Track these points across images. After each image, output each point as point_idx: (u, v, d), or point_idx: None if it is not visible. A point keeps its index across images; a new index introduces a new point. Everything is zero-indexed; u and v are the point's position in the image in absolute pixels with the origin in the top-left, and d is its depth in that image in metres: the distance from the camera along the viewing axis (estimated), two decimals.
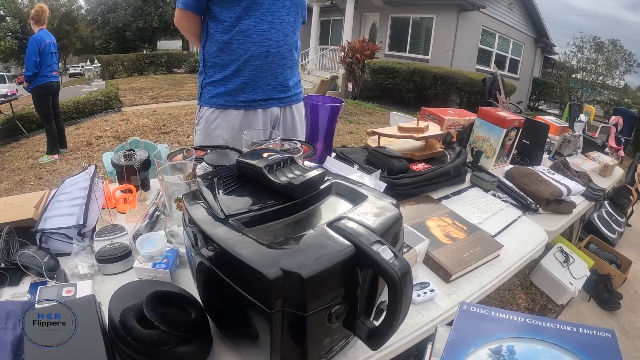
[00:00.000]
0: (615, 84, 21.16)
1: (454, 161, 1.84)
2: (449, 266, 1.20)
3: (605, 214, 4.83)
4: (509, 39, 17.48)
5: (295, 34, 1.99)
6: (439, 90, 11.52)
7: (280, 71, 1.97)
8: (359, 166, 1.69)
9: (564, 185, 1.93)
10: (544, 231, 1.64)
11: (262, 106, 1.99)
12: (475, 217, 1.58)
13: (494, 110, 2.27)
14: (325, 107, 1.71)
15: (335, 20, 17.14)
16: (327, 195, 0.90)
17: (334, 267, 0.64)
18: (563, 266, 3.35)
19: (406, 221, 1.33)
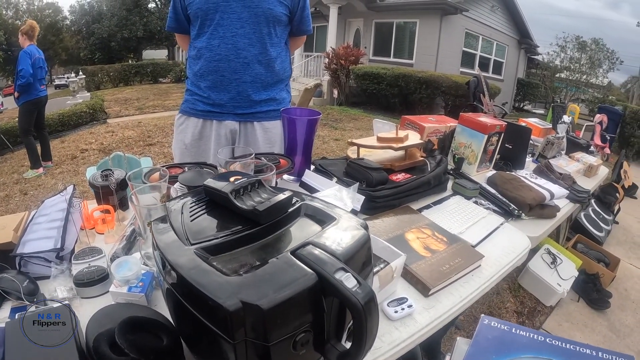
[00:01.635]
0: (599, 82, 21.36)
1: (434, 170, 1.82)
2: (428, 280, 1.17)
3: (592, 212, 4.85)
4: (492, 41, 17.62)
5: (254, 46, 1.98)
6: (424, 94, 11.53)
7: (234, 86, 2.01)
8: (338, 179, 1.66)
9: (547, 190, 1.92)
10: (527, 238, 1.63)
11: (216, 118, 2.09)
12: (456, 227, 1.56)
13: (475, 116, 2.26)
14: (302, 121, 1.68)
15: (320, 27, 17.13)
16: (296, 217, 0.88)
17: (295, 297, 0.64)
18: (550, 267, 3.35)
19: (384, 234, 1.35)
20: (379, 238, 1.22)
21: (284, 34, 2.12)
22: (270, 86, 2.11)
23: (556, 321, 3.10)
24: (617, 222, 5.54)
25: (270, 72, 2.06)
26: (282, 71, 2.15)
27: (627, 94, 28.11)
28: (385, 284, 1.04)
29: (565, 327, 3.04)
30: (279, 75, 2.13)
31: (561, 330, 2.99)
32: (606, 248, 4.53)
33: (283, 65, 2.14)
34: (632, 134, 11.21)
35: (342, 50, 12.86)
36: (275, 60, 2.07)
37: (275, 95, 2.15)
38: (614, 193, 5.43)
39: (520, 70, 20.57)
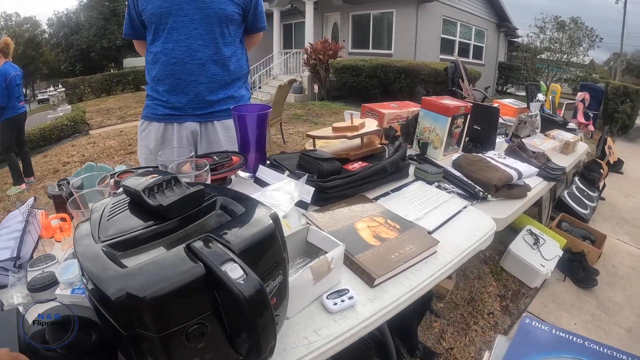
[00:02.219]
0: (580, 60, 21.45)
1: (391, 156, 1.75)
2: (373, 270, 1.12)
3: (576, 190, 4.81)
4: (470, 27, 17.58)
5: (208, 47, 1.99)
6: (404, 83, 11.45)
7: (191, 88, 2.02)
8: (290, 172, 1.62)
9: (514, 169, 1.84)
10: (492, 220, 1.56)
11: (177, 120, 2.10)
12: (413, 213, 1.49)
13: (437, 99, 2.20)
14: (252, 116, 1.64)
15: (298, 23, 17.11)
16: (211, 211, 0.86)
17: (180, 289, 0.62)
18: (533, 248, 3.29)
19: (333, 225, 1.33)
20: (326, 229, 1.23)
21: (238, 33, 2.12)
22: (228, 85, 2.12)
23: (542, 303, 3.03)
24: (603, 198, 5.50)
25: (226, 71, 2.08)
26: (239, 69, 2.16)
27: (610, 72, 28.29)
28: (320, 276, 1.00)
29: (551, 309, 2.97)
30: (235, 74, 2.14)
31: (547, 312, 2.93)
32: (592, 225, 4.49)
33: (239, 64, 2.15)
34: (615, 109, 11.21)
35: (320, 45, 12.78)
36: (230, 59, 2.08)
37: (234, 93, 2.16)
38: (598, 169, 5.38)
39: (501, 53, 20.57)
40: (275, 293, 0.77)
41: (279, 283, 0.78)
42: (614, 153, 6.80)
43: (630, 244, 4.29)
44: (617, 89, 11.44)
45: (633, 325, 2.89)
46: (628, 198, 5.84)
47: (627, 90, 11.43)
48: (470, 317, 2.74)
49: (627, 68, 34.94)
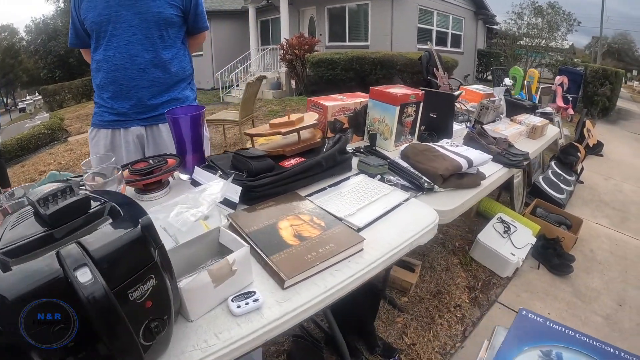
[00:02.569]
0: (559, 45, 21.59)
1: (328, 150, 1.65)
2: (284, 271, 1.05)
3: (552, 174, 4.74)
4: (448, 15, 17.57)
5: (148, 51, 1.99)
6: (380, 74, 11.36)
7: (134, 93, 2.03)
8: (223, 172, 1.54)
9: (463, 158, 1.74)
10: (434, 212, 1.47)
11: (123, 126, 2.10)
12: (346, 209, 1.40)
13: (385, 88, 2.10)
14: (185, 118, 1.57)
15: (274, 19, 16.97)
16: (98, 219, 0.85)
17: (38, 291, 0.64)
18: (503, 237, 3.20)
19: (255, 224, 1.26)
20: (247, 229, 1.21)
21: (179, 35, 2.12)
22: (171, 87, 2.12)
23: (514, 292, 2.95)
24: (581, 181, 5.46)
25: (167, 74, 2.08)
26: (181, 71, 2.16)
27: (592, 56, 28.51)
28: (222, 278, 0.97)
29: (524, 298, 2.89)
30: (178, 76, 2.14)
31: (520, 302, 2.84)
32: (570, 210, 4.43)
33: (181, 65, 2.15)
34: (595, 92, 11.25)
35: (296, 40, 12.72)
36: (171, 61, 2.08)
37: (178, 95, 2.16)
38: (575, 153, 5.32)
39: (480, 41, 20.61)
40: (149, 296, 0.76)
41: (151, 287, 0.76)
42: (593, 136, 6.76)
43: (610, 227, 4.23)
44: (596, 72, 11.51)
45: (611, 312, 2.82)
46: (608, 180, 5.81)
47: (606, 72, 11.50)
48: (436, 311, 2.64)
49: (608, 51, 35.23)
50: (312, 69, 12.33)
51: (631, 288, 3.13)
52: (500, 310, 2.75)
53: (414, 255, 3.17)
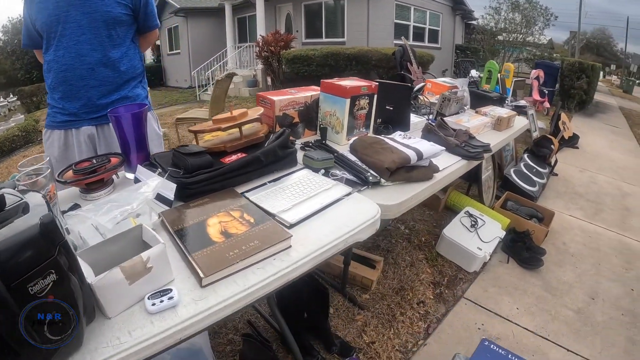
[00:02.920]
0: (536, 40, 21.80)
1: (269, 145, 1.59)
2: (203, 269, 1.01)
3: (524, 167, 4.72)
4: (425, 11, 17.55)
5: (96, 50, 1.98)
6: (355, 70, 11.28)
7: (83, 93, 2.02)
8: (162, 170, 1.50)
9: (413, 150, 1.68)
10: (376, 206, 1.41)
11: (74, 126, 2.08)
12: (281, 205, 1.35)
13: (336, 80, 2.04)
14: (127, 117, 1.54)
15: (251, 16, 16.81)
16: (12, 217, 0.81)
17: None
18: (470, 231, 3.16)
19: (183, 222, 1.23)
20: (175, 226, 1.19)
21: (129, 33, 2.12)
22: (121, 86, 2.12)
23: (481, 287, 2.90)
24: (555, 174, 5.45)
25: (116, 73, 2.07)
26: (131, 70, 2.15)
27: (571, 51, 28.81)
28: (136, 275, 0.94)
29: (491, 293, 2.84)
30: (127, 75, 2.13)
31: (487, 297, 2.80)
32: (544, 202, 4.42)
33: (131, 64, 2.15)
34: (571, 86, 11.33)
35: (271, 37, 12.62)
36: (121, 60, 2.08)
37: (128, 93, 2.15)
38: (549, 145, 5.31)
39: (458, 36, 20.69)
40: (50, 291, 0.75)
41: (52, 282, 0.75)
42: (569, 128, 6.79)
43: (583, 219, 4.23)
44: (572, 65, 11.62)
45: (583, 305, 2.79)
46: (583, 172, 5.83)
47: (582, 66, 11.60)
48: (398, 308, 2.58)
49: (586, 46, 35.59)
50: (288, 65, 12.27)
51: (604, 280, 3.11)
52: (466, 305, 2.70)
53: (376, 251, 3.12)
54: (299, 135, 2.04)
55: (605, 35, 45.82)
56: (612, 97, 18.83)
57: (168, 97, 15.05)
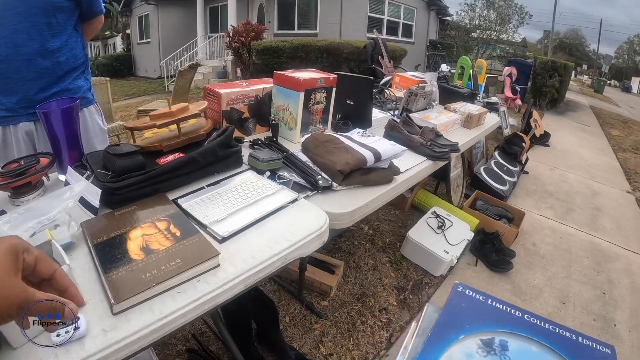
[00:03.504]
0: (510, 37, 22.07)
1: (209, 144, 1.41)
2: (114, 293, 0.86)
3: (494, 165, 4.63)
4: (399, 5, 17.57)
5: (34, 40, 1.78)
6: (326, 62, 11.16)
7: (20, 86, 1.83)
8: (91, 172, 1.31)
9: (370, 150, 1.52)
10: (324, 215, 1.26)
11: (12, 122, 1.90)
12: (216, 213, 1.19)
13: (291, 72, 1.86)
14: (55, 112, 1.36)
15: (223, 6, 16.53)
16: None
17: None
18: (437, 233, 3.02)
19: (104, 234, 1.06)
20: (95, 240, 1.02)
21: (70, 21, 1.93)
22: (61, 78, 1.93)
23: (447, 292, 2.75)
24: (526, 172, 5.41)
25: (56, 63, 1.89)
26: (72, 59, 1.97)
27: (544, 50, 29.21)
28: None
29: None
30: (68, 65, 1.95)
31: None
32: (514, 201, 4.36)
33: (72, 53, 1.96)
34: (543, 84, 11.48)
35: (242, 27, 12.40)
36: (60, 50, 1.89)
37: (69, 85, 1.97)
38: (520, 143, 5.23)
39: (432, 32, 20.75)
40: None
41: None
42: (540, 126, 6.75)
43: (554, 219, 4.18)
44: (545, 64, 11.78)
45: (553, 310, 2.72)
46: (553, 170, 5.82)
47: (555, 64, 11.76)
48: (358, 316, 2.44)
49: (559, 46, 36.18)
50: (258, 56, 12.09)
51: (575, 284, 3.04)
52: None
53: (337, 254, 2.97)
54: (250, 132, 1.86)
55: (578, 36, 46.53)
56: (583, 97, 19.11)
57: (136, 88, 14.76)
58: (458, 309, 0.81)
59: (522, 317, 0.80)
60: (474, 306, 0.82)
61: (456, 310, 0.81)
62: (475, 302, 0.83)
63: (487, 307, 0.82)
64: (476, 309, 0.81)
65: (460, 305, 0.82)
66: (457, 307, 0.82)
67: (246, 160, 1.55)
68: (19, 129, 1.91)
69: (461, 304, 0.82)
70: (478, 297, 0.84)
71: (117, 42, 29.57)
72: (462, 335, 0.75)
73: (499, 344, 0.73)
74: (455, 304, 0.82)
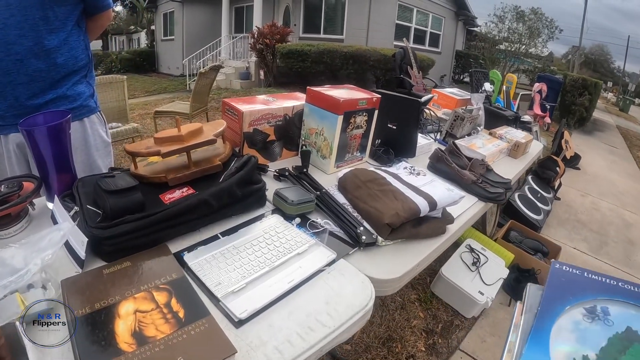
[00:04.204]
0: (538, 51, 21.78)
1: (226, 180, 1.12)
2: None
3: (528, 191, 4.34)
4: (427, 13, 17.35)
5: (27, 37, 1.51)
6: (351, 69, 10.98)
7: (9, 91, 1.55)
8: (79, 209, 1.04)
9: (424, 197, 1.23)
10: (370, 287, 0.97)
11: (1, 132, 1.64)
12: (231, 280, 0.90)
13: (328, 89, 1.58)
14: (41, 130, 1.11)
15: (249, 6, 16.44)
16: None
17: None
18: (471, 270, 2.73)
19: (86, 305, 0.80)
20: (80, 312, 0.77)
21: (72, 15, 1.64)
22: (57, 83, 1.64)
23: (479, 336, 2.50)
24: (558, 198, 5.11)
25: (52, 65, 1.61)
26: (72, 61, 1.67)
27: (568, 65, 28.82)
28: None
29: (489, 344, 2.45)
30: (67, 67, 1.66)
31: (485, 348, 2.42)
32: (546, 230, 4.10)
33: (72, 54, 1.67)
34: (572, 102, 11.20)
35: (267, 29, 12.25)
36: (59, 49, 1.61)
37: (67, 91, 1.68)
38: (554, 167, 4.94)
39: (459, 42, 20.47)
40: None
41: None
42: (571, 147, 6.46)
43: (588, 253, 3.92)
44: (575, 81, 11.46)
45: None
46: (585, 197, 5.56)
47: (585, 82, 11.45)
48: None
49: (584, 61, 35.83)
50: (282, 59, 11.92)
51: None
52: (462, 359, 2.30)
53: None
54: (275, 157, 1.58)
55: (603, 52, 46.06)
56: (609, 115, 18.79)
57: (157, 85, 14.62)
58: (560, 282, 0.84)
59: (617, 285, 0.83)
60: (573, 279, 0.85)
61: (558, 284, 0.84)
62: (574, 276, 0.86)
63: (584, 279, 0.86)
64: (575, 282, 0.84)
65: (560, 280, 0.85)
66: (558, 282, 0.84)
67: (269, 196, 1.27)
68: (10, 140, 1.67)
69: (561, 278, 0.85)
70: (575, 272, 0.87)
71: (141, 37, 29.72)
72: (568, 306, 0.78)
73: (601, 310, 0.77)
74: (556, 280, 0.85)
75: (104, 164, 1.84)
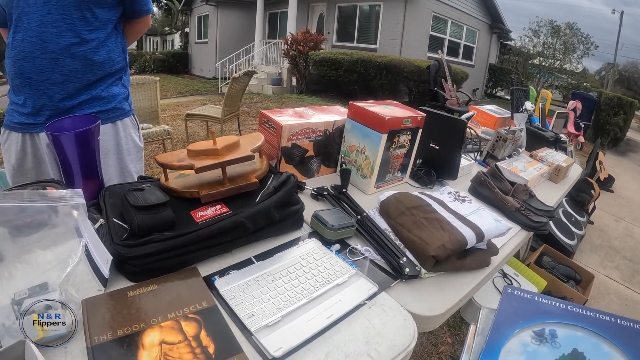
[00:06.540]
0: (573, 67, 21.47)
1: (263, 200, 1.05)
2: None
3: (562, 215, 4.20)
4: (462, 25, 17.20)
5: (64, 36, 1.49)
6: (385, 80, 10.90)
7: (43, 90, 1.54)
8: (104, 223, 0.97)
9: (470, 227, 1.15)
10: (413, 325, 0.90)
11: (32, 131, 1.63)
12: (266, 311, 0.84)
13: (371, 104, 1.51)
14: (68, 136, 1.07)
15: (283, 13, 16.57)
16: None
17: None
18: None
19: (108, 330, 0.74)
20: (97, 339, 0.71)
21: (112, 17, 1.64)
22: (94, 83, 1.63)
23: None
24: (592, 222, 4.95)
25: (88, 66, 1.59)
26: (109, 63, 1.66)
27: (601, 81, 28.38)
28: None
29: None
30: (103, 69, 1.64)
31: None
32: (579, 256, 3.96)
33: (110, 56, 1.66)
34: (607, 121, 10.91)
35: (301, 36, 12.28)
36: (96, 50, 1.59)
37: (101, 93, 1.66)
38: (589, 190, 4.80)
39: (493, 55, 20.22)
40: None
41: None
42: (605, 169, 6.29)
43: (620, 282, 3.79)
44: (610, 100, 11.17)
45: None
46: (619, 222, 5.39)
47: (621, 101, 11.17)
48: None
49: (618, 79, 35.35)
50: (315, 67, 11.91)
51: None
52: None
53: None
54: (313, 173, 1.52)
55: (638, 69, 45.36)
56: None
57: (189, 86, 14.78)
58: (510, 307, 0.87)
59: (565, 308, 0.86)
60: (523, 303, 0.88)
61: (509, 309, 0.86)
62: (524, 300, 0.89)
63: (534, 303, 0.89)
64: (526, 306, 0.87)
65: (511, 304, 0.88)
66: (509, 306, 0.87)
67: (306, 216, 1.20)
68: (42, 139, 1.64)
69: (512, 303, 0.88)
70: (526, 296, 0.90)
71: (175, 39, 30.09)
72: (517, 330, 0.81)
73: (549, 333, 0.81)
74: (507, 304, 0.88)
75: (135, 169, 1.81)
